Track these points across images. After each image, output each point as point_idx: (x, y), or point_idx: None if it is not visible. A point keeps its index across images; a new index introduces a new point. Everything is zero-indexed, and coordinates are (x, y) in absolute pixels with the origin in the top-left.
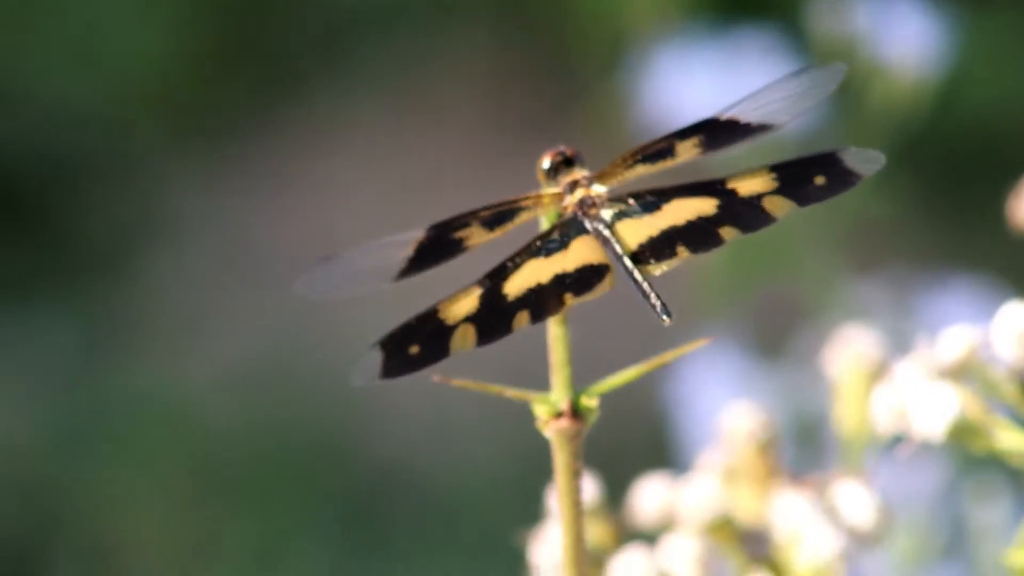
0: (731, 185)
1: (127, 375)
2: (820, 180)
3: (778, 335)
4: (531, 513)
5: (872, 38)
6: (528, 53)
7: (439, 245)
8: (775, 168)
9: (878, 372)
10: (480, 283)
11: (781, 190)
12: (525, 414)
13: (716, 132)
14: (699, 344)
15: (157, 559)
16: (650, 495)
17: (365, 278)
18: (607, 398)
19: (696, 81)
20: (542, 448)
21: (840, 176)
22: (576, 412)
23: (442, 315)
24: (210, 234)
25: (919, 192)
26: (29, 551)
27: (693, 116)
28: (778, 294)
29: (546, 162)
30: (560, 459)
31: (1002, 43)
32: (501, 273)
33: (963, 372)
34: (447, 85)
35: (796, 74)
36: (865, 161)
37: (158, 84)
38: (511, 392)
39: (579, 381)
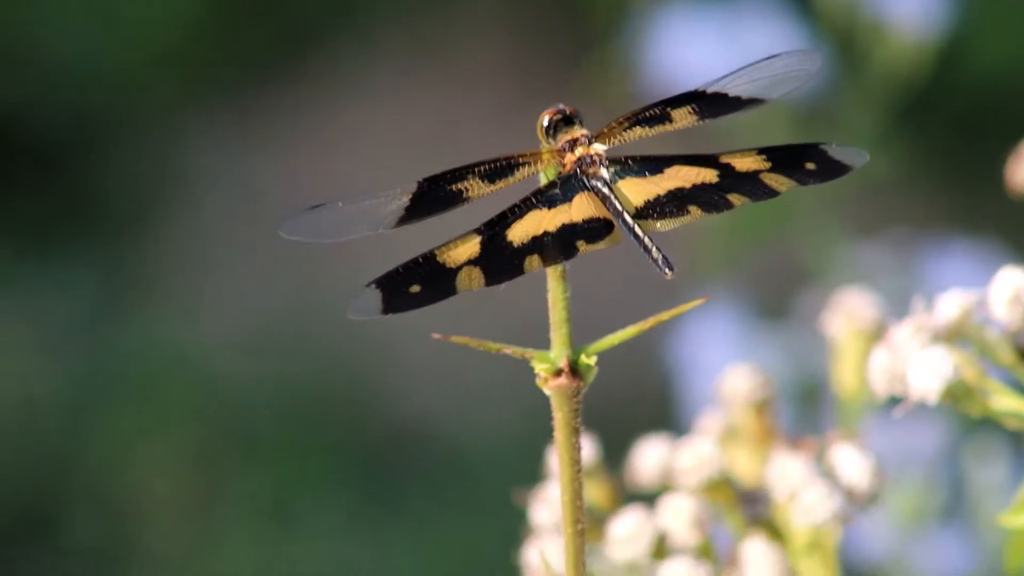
0: (725, 160)
1: (142, 330)
2: (811, 166)
3: (780, 297)
4: (542, 473)
5: (875, 0)
6: (541, 10)
7: (437, 196)
8: (763, 151)
9: (876, 335)
10: (478, 231)
11: (775, 170)
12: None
13: (707, 102)
14: (697, 303)
15: (171, 512)
16: (650, 456)
17: (355, 225)
18: (612, 359)
19: (700, 44)
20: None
21: (830, 164)
22: (575, 370)
23: (440, 259)
24: (226, 189)
25: (922, 154)
26: (44, 502)
27: (696, 78)
28: (780, 256)
29: (545, 120)
30: (559, 417)
31: (1006, 4)
32: (502, 222)
33: (959, 335)
34: (462, 41)
35: (778, 55)
36: (849, 156)
37: (176, 41)
38: (510, 349)
39: (581, 340)
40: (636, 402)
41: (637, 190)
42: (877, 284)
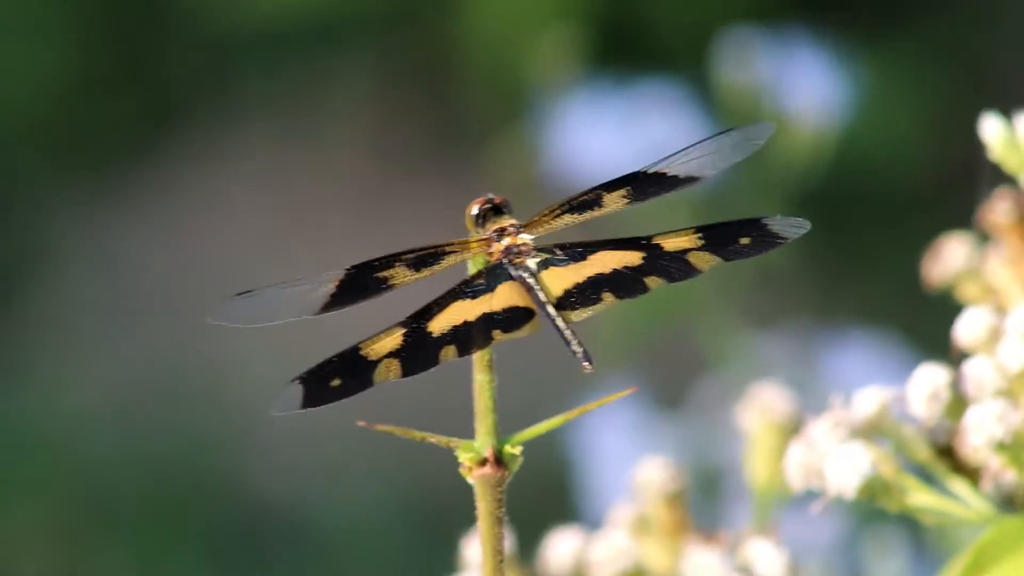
0: (656, 241)
1: (5, 403)
2: (745, 240)
3: (677, 386)
4: (412, 557)
5: (774, 89)
6: (411, 90)
7: (362, 283)
8: (700, 229)
9: (791, 427)
10: (403, 324)
11: (706, 247)
12: (407, 460)
13: (643, 184)
14: (624, 394)
15: None
16: (562, 547)
17: (282, 311)
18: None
19: (601, 131)
20: (423, 495)
21: (765, 238)
22: (500, 459)
23: (364, 352)
24: (94, 261)
25: (813, 244)
26: None
27: (597, 165)
28: (677, 345)
29: (475, 209)
30: (483, 506)
31: (895, 88)
32: (425, 314)
33: (876, 430)
34: (331, 117)
35: (727, 131)
36: (791, 226)
37: (43, 112)
38: (435, 438)
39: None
40: (532, 489)
41: (558, 280)
42: (775, 374)
